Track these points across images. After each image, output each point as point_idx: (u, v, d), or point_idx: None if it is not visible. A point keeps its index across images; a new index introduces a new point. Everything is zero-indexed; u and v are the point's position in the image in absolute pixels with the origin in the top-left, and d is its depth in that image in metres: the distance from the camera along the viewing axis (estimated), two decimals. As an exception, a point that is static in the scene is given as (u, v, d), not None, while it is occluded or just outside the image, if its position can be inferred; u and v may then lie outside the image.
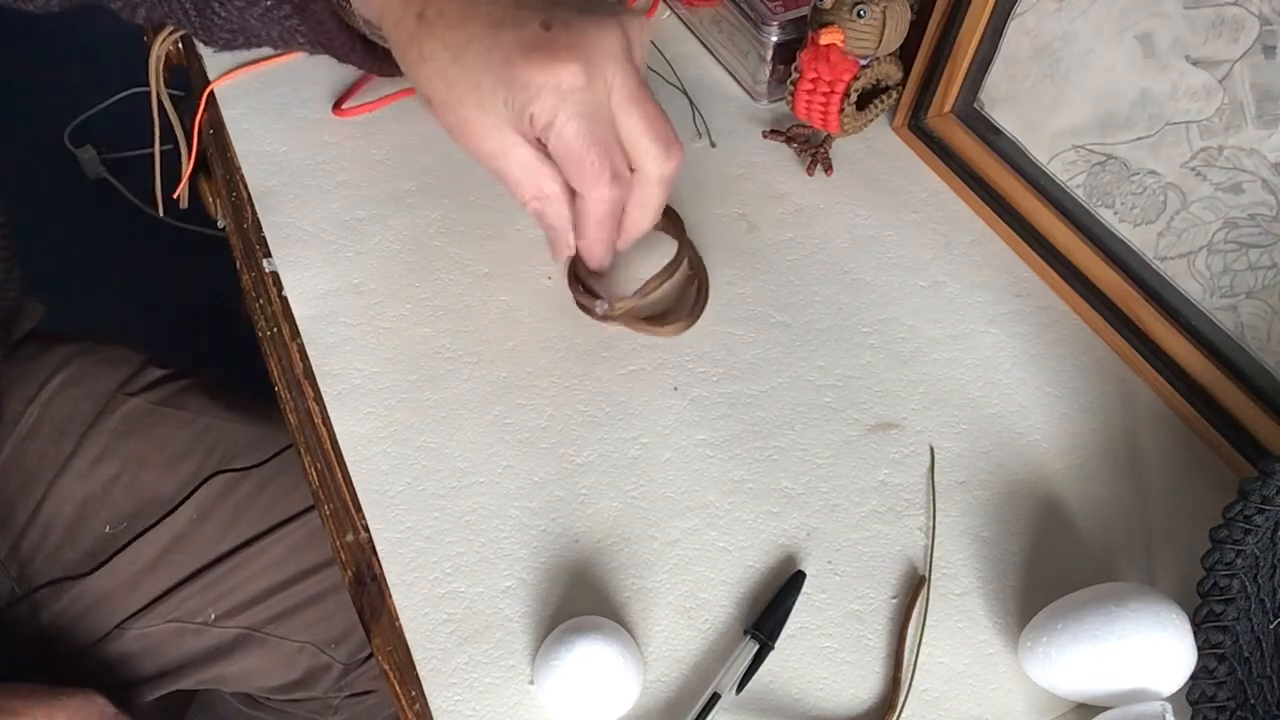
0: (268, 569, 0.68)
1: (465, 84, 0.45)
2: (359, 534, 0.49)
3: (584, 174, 0.45)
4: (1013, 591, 0.47)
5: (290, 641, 0.69)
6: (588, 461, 0.51)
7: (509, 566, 0.47)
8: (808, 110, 0.60)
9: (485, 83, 0.44)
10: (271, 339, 0.56)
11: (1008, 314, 0.57)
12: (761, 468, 0.51)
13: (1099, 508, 0.50)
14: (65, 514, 0.66)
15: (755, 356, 0.55)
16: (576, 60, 0.43)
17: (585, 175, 0.45)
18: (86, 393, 0.69)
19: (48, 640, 0.65)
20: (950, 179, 0.62)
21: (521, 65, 0.43)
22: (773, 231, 0.60)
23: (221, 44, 0.59)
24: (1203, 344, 0.52)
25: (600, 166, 0.45)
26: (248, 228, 0.60)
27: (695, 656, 0.45)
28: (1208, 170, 0.50)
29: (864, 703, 0.44)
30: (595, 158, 0.45)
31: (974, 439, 0.52)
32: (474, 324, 0.56)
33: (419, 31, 0.46)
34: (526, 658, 0.45)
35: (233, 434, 0.70)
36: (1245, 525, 0.42)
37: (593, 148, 0.45)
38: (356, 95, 0.66)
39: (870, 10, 0.55)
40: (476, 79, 0.44)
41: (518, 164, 0.47)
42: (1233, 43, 0.47)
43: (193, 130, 0.68)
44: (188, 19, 0.57)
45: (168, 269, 1.61)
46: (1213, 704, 0.41)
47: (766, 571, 0.47)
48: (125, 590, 0.66)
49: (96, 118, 1.79)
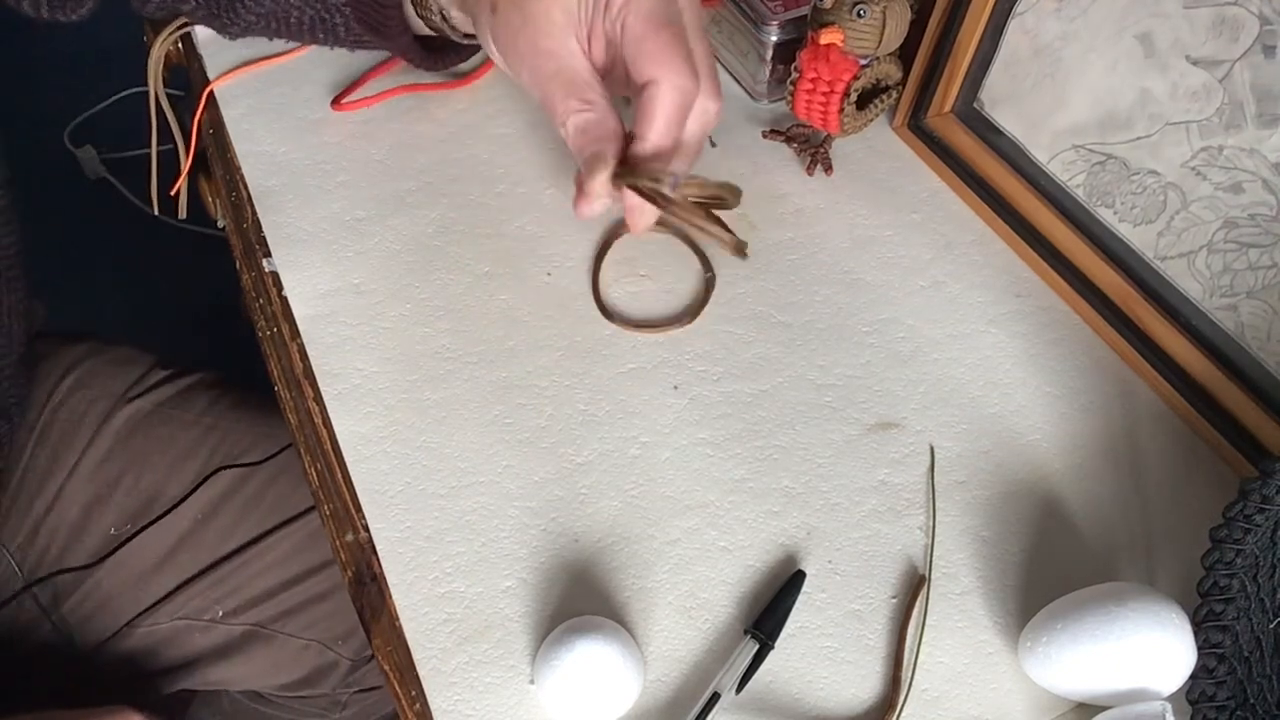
0: (274, 566, 0.68)
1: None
2: (359, 534, 0.49)
3: (661, 50, 0.44)
4: (1013, 591, 0.47)
5: (297, 638, 0.69)
6: (588, 461, 0.51)
7: (509, 566, 0.47)
8: (808, 110, 0.60)
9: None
10: (271, 339, 0.56)
11: (1008, 314, 0.57)
12: (762, 467, 0.51)
13: (1099, 508, 0.50)
14: (71, 516, 0.66)
15: (755, 356, 0.55)
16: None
17: (662, 51, 0.44)
18: (97, 394, 0.69)
19: (58, 640, 0.65)
20: (950, 179, 0.62)
21: None
22: (773, 231, 0.60)
23: (241, 28, 0.58)
24: (1203, 344, 0.52)
25: (677, 44, 0.44)
26: (248, 228, 0.60)
27: (695, 656, 0.45)
28: (1208, 170, 0.50)
29: (864, 702, 0.44)
30: (673, 34, 0.44)
31: (974, 439, 0.52)
32: (474, 324, 0.56)
33: None
34: (526, 658, 0.45)
35: (237, 432, 0.70)
36: (1245, 525, 0.42)
37: (671, 25, 0.44)
38: (357, 91, 0.66)
39: (870, 10, 0.55)
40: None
41: (570, 68, 0.46)
42: (1233, 43, 0.47)
43: (192, 130, 0.68)
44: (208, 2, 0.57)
45: (168, 269, 1.61)
46: (1213, 704, 0.41)
47: (766, 571, 0.47)
48: (133, 588, 0.66)
49: (96, 118, 1.79)
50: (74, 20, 0.60)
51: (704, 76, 0.46)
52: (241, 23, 0.57)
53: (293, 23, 0.57)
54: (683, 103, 0.45)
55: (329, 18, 0.56)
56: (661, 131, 0.46)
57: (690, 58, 0.45)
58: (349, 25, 0.56)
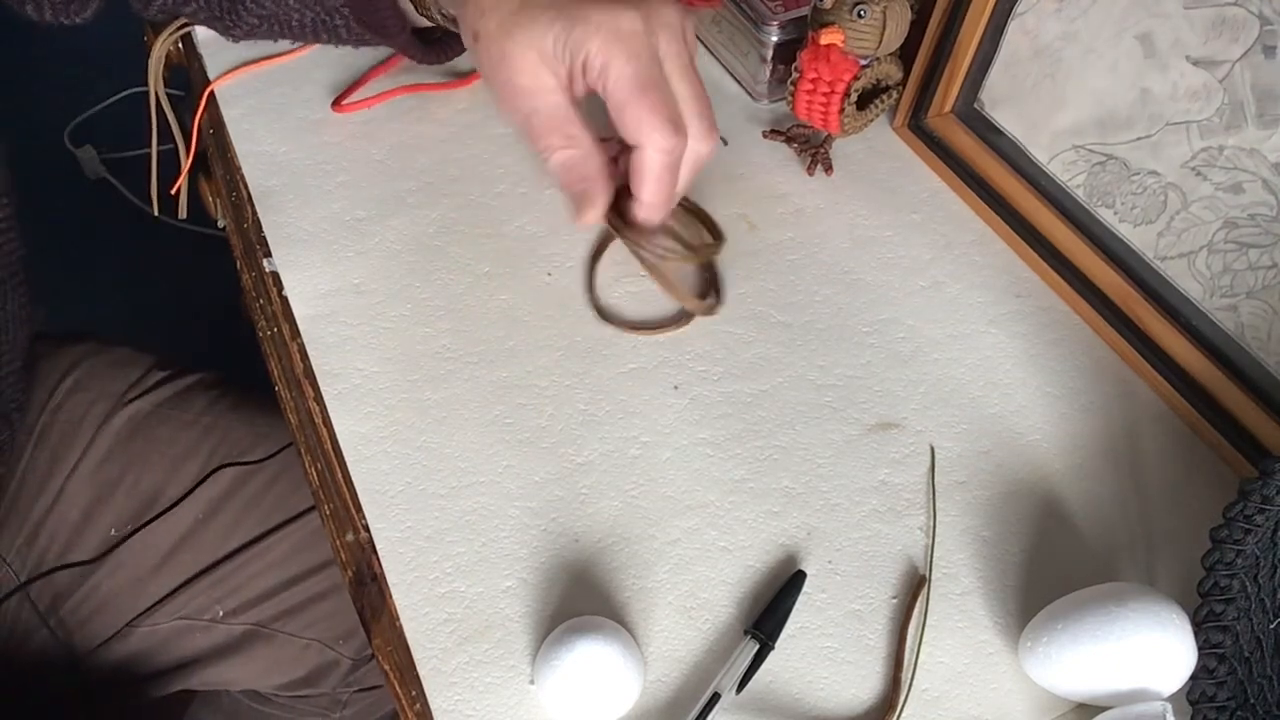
0: (275, 565, 0.68)
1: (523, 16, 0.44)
2: (359, 534, 0.49)
3: (642, 117, 0.44)
4: (1013, 591, 0.47)
5: (298, 638, 0.69)
6: (588, 461, 0.51)
7: (509, 566, 0.47)
8: (808, 110, 0.60)
9: (543, 17, 0.44)
10: (271, 339, 0.56)
11: (1008, 314, 0.57)
12: (762, 467, 0.51)
13: (1099, 508, 0.50)
14: (71, 518, 0.66)
15: (755, 356, 0.55)
16: (635, 11, 0.43)
17: (643, 118, 0.44)
18: (96, 396, 0.69)
19: (56, 646, 0.65)
20: (950, 179, 0.62)
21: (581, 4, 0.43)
22: (773, 231, 0.60)
23: (244, 31, 0.58)
24: (1203, 344, 0.52)
25: (660, 107, 0.44)
26: (248, 228, 0.60)
27: (695, 656, 0.45)
28: (1208, 170, 0.50)
29: (864, 702, 0.44)
30: (655, 99, 0.44)
31: (974, 439, 0.52)
32: (474, 324, 0.56)
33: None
34: (526, 658, 0.45)
35: (237, 432, 0.70)
36: (1245, 525, 0.42)
37: (652, 89, 0.44)
38: (357, 92, 0.66)
39: (870, 10, 0.55)
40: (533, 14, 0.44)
41: (548, 105, 0.45)
42: (1233, 43, 0.47)
43: (192, 130, 0.68)
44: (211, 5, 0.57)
45: (168, 269, 1.61)
46: (1213, 704, 0.41)
47: (767, 571, 0.47)
48: (134, 588, 0.66)
49: (96, 118, 1.79)
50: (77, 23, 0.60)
51: (693, 120, 0.46)
52: (244, 25, 0.57)
53: (294, 24, 0.57)
54: (670, 163, 0.46)
55: (329, 19, 0.56)
56: (653, 191, 0.46)
57: (674, 117, 0.45)
58: (349, 25, 0.56)
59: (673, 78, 0.45)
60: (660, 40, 0.44)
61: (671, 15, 0.45)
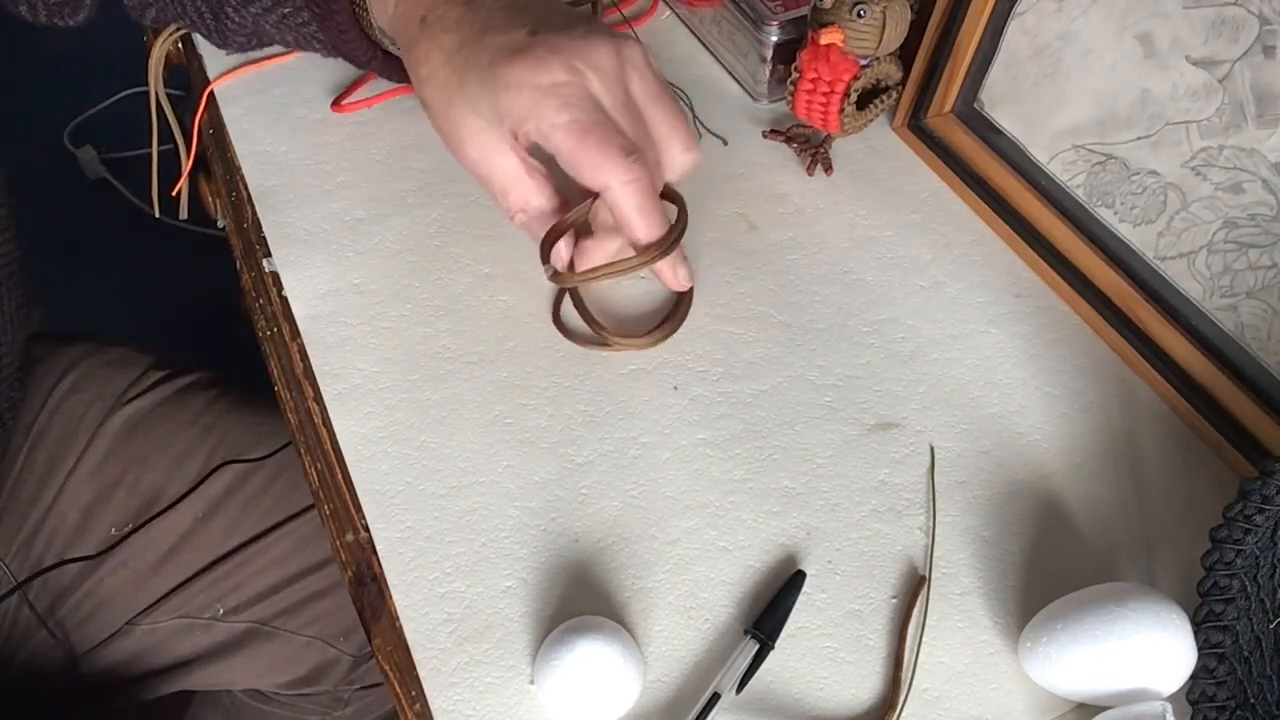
0: (275, 563, 0.68)
1: (454, 86, 0.45)
2: (359, 534, 0.49)
3: (591, 161, 0.43)
4: (1013, 591, 0.47)
5: (299, 636, 0.69)
6: (588, 461, 0.51)
7: (509, 566, 0.47)
8: (808, 110, 0.60)
9: (471, 85, 0.44)
10: (271, 339, 0.56)
11: (1008, 314, 0.57)
12: (762, 467, 0.51)
13: (1099, 508, 0.50)
14: (70, 518, 0.66)
15: (755, 356, 0.55)
16: (559, 62, 0.43)
17: (593, 162, 0.43)
18: (94, 396, 0.69)
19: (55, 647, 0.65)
20: (950, 179, 0.62)
21: (504, 66, 0.43)
22: (773, 231, 0.60)
23: (235, 46, 0.59)
24: (1203, 344, 0.52)
25: (604, 145, 0.43)
26: (248, 228, 0.60)
27: (695, 656, 0.45)
28: (1208, 170, 0.50)
29: (864, 702, 0.44)
30: (597, 139, 0.43)
31: (974, 439, 0.52)
32: (474, 324, 0.56)
33: (420, 35, 0.46)
34: (526, 658, 0.45)
35: (237, 431, 0.70)
36: (1245, 525, 0.42)
37: (591, 131, 0.43)
38: (357, 93, 0.66)
39: (870, 10, 0.55)
40: (463, 81, 0.45)
41: (502, 171, 0.46)
42: (1233, 43, 0.47)
43: (192, 130, 0.68)
44: (201, 21, 0.57)
45: (168, 269, 1.61)
46: (1213, 704, 0.41)
47: (766, 571, 0.47)
48: (134, 587, 0.66)
49: (96, 118, 1.79)
50: (71, 25, 0.60)
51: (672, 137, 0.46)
52: (233, 43, 0.58)
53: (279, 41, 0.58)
54: (642, 189, 0.45)
55: (306, 44, 0.57)
56: (641, 226, 0.46)
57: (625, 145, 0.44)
58: (327, 48, 0.57)
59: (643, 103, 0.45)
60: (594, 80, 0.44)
61: (600, 56, 0.44)
